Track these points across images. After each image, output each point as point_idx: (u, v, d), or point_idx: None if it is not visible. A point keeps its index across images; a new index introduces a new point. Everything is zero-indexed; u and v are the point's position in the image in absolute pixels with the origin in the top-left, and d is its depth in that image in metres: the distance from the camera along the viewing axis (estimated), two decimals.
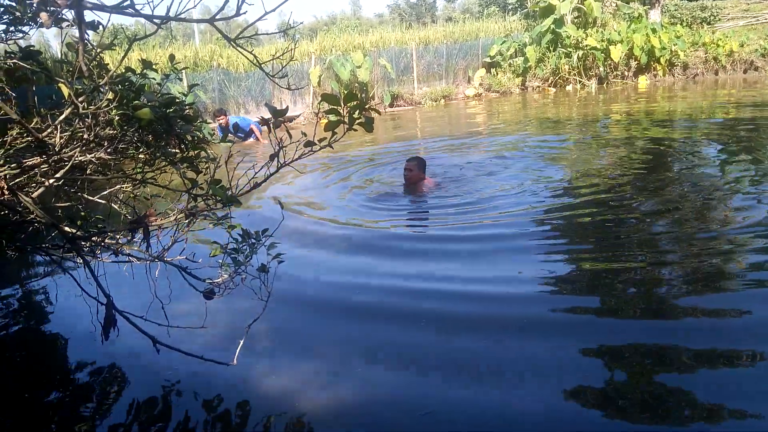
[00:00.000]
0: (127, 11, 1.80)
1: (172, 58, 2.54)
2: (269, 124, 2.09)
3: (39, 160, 2.19)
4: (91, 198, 2.56)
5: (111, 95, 2.06)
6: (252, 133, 10.46)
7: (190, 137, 2.33)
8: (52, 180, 2.24)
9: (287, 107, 2.20)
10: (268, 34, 2.33)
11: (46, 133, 2.15)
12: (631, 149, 7.22)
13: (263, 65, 2.09)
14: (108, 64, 2.52)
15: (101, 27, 2.01)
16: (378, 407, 2.36)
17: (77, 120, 2.29)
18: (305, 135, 2.05)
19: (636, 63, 16.04)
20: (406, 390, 2.45)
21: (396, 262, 3.95)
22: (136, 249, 2.48)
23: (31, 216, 2.03)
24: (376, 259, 4.02)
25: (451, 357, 2.67)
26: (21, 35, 2.08)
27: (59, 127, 2.17)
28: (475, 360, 2.63)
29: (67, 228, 2.18)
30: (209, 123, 10.01)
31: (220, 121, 10.09)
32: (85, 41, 1.88)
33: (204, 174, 2.34)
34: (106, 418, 2.43)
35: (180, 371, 2.66)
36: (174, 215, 2.22)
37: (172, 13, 1.82)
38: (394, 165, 7.21)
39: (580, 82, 16.03)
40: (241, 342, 2.35)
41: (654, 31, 15.78)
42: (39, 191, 2.23)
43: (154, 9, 1.81)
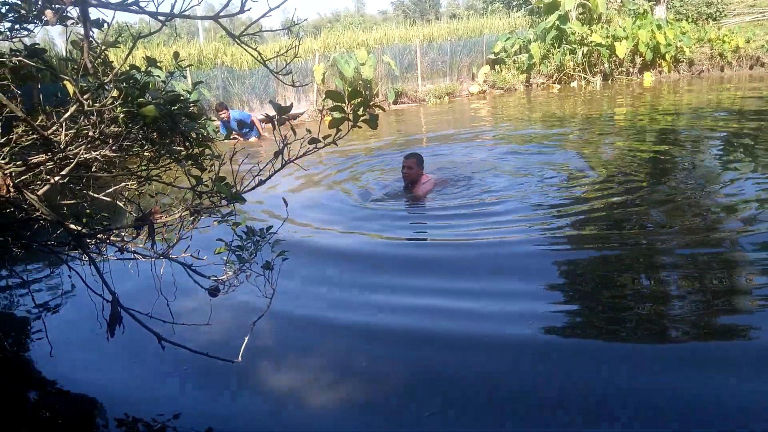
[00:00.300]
0: (132, 8, 1.81)
1: (176, 55, 2.54)
2: (273, 121, 2.09)
3: (44, 157, 2.20)
4: (97, 195, 2.56)
5: (116, 93, 2.06)
6: (254, 126, 10.43)
7: (194, 134, 2.33)
8: (57, 177, 2.25)
9: (291, 104, 2.19)
10: (272, 31, 2.34)
11: (51, 131, 2.16)
12: (637, 147, 7.18)
13: (267, 62, 2.09)
14: (113, 61, 2.53)
15: (106, 25, 2.02)
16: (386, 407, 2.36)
17: (82, 117, 2.29)
18: (310, 132, 2.05)
19: (641, 59, 15.93)
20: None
21: (398, 276, 3.73)
22: (141, 246, 2.49)
23: (37, 213, 2.04)
24: (377, 275, 3.79)
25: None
26: (26, 33, 2.08)
27: (64, 125, 2.18)
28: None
29: (73, 225, 2.19)
30: (213, 120, 9.99)
31: (222, 116, 9.95)
32: (90, 39, 1.88)
33: (208, 171, 2.34)
34: (107, 414, 2.44)
35: (185, 368, 2.67)
36: (179, 212, 2.23)
37: (176, 11, 1.83)
38: (396, 162, 7.19)
39: (584, 78, 15.96)
40: (246, 339, 2.35)
41: (659, 27, 15.68)
42: (44, 189, 2.24)
43: (158, 6, 1.81)
